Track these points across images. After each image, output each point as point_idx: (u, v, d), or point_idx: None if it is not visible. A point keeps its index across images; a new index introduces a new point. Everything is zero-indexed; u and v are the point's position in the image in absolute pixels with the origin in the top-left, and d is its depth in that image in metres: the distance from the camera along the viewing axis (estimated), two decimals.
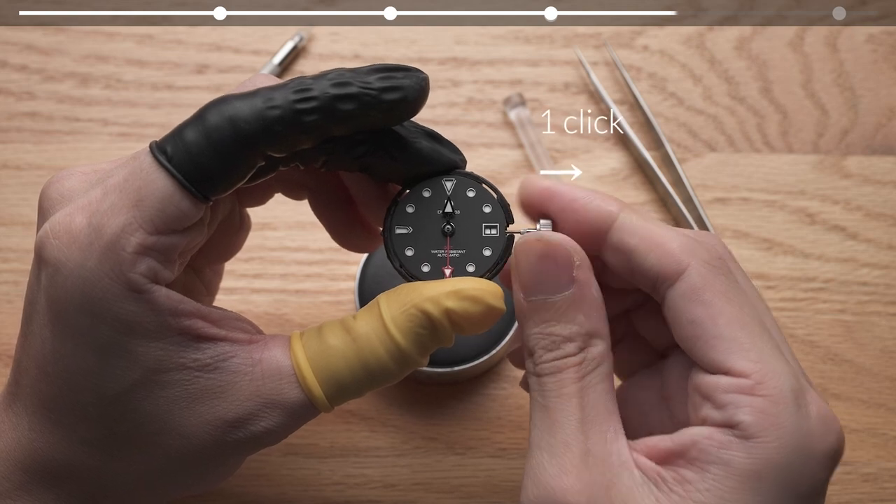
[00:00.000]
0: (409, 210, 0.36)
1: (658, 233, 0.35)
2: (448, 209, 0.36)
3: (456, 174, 0.36)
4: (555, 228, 0.36)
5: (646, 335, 0.39)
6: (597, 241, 0.36)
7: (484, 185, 0.36)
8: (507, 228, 0.36)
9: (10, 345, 0.50)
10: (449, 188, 0.36)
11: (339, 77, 0.32)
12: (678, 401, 0.37)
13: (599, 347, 0.34)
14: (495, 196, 0.36)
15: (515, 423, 0.48)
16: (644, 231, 0.35)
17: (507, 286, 0.37)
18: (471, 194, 0.36)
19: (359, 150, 0.34)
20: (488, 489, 0.47)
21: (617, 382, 0.37)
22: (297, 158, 0.35)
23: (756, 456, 0.32)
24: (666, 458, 0.34)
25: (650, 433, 0.35)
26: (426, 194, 0.36)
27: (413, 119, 0.35)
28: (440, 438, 0.48)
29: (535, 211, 0.37)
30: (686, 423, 0.35)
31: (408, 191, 0.36)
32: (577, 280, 0.34)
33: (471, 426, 0.48)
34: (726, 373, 0.33)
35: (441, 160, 0.36)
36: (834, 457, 0.33)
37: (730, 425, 0.33)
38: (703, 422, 0.34)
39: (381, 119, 0.33)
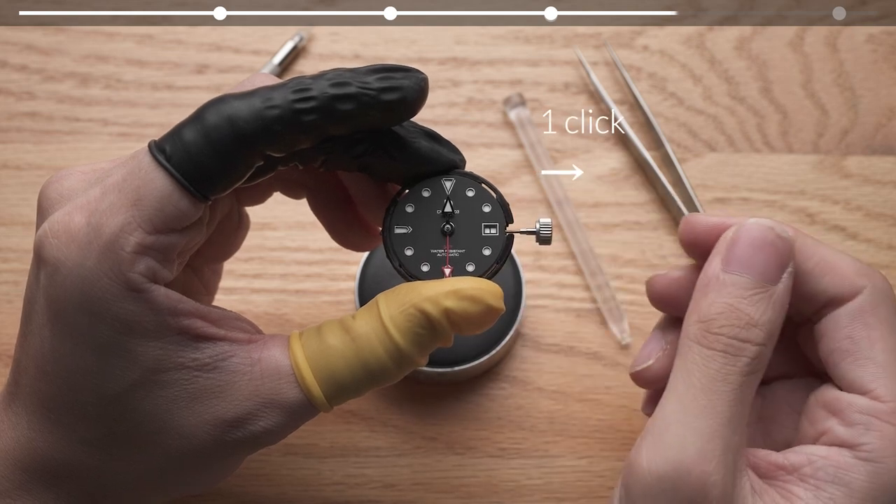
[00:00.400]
0: (409, 210, 0.36)
1: (833, 257, 0.36)
2: (447, 209, 0.36)
3: (455, 174, 0.36)
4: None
5: None
6: None
7: (483, 185, 0.36)
8: (507, 228, 0.36)
9: (9, 345, 0.50)
10: (448, 188, 0.36)
11: (338, 77, 0.32)
12: (779, 422, 0.38)
13: (768, 355, 0.35)
14: (495, 196, 0.36)
15: (515, 423, 0.48)
16: (820, 255, 0.36)
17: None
18: (470, 194, 0.36)
19: (358, 150, 0.34)
20: (488, 489, 0.47)
21: None
22: (295, 158, 0.35)
23: (876, 481, 0.33)
24: (769, 473, 0.35)
25: None
26: (425, 194, 0.36)
27: (412, 119, 0.35)
28: (440, 438, 0.48)
29: (705, 249, 0.37)
30: (783, 443, 0.36)
31: (407, 190, 0.36)
32: (785, 283, 0.35)
33: (471, 426, 0.48)
34: (865, 394, 0.34)
35: (440, 160, 0.36)
36: None
37: (851, 445, 0.34)
38: (821, 436, 0.35)
39: (380, 119, 0.33)
